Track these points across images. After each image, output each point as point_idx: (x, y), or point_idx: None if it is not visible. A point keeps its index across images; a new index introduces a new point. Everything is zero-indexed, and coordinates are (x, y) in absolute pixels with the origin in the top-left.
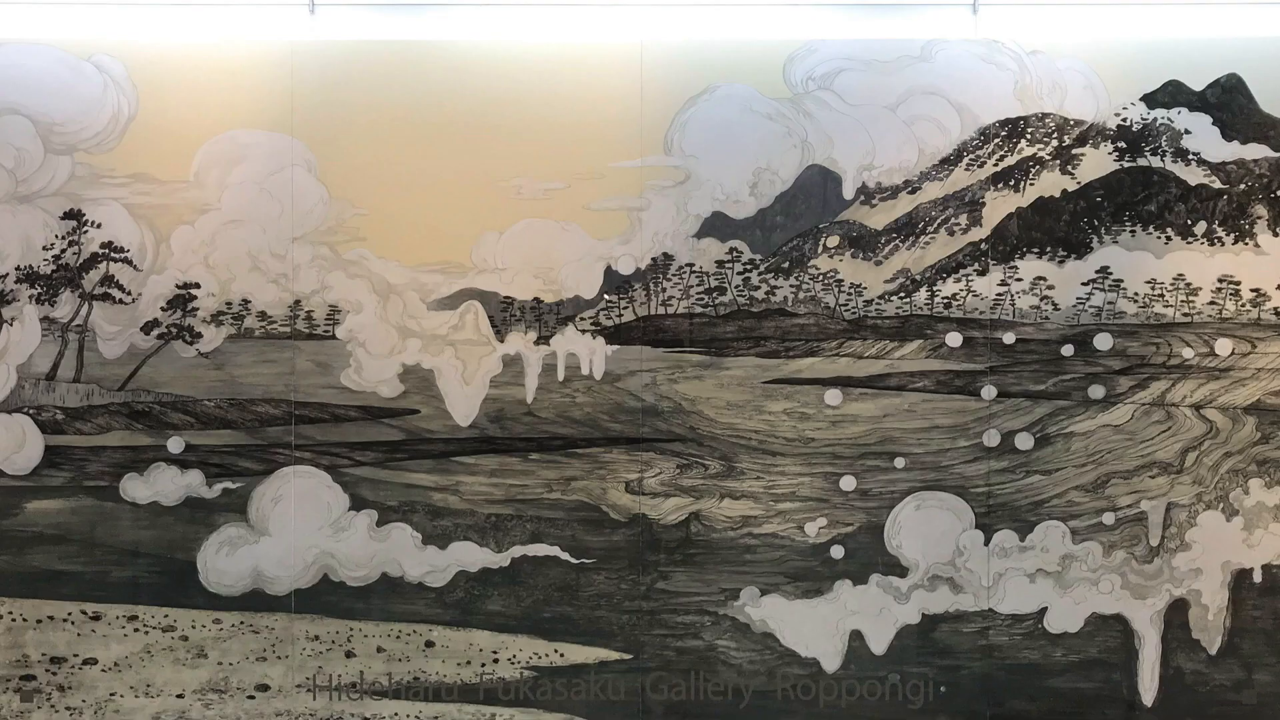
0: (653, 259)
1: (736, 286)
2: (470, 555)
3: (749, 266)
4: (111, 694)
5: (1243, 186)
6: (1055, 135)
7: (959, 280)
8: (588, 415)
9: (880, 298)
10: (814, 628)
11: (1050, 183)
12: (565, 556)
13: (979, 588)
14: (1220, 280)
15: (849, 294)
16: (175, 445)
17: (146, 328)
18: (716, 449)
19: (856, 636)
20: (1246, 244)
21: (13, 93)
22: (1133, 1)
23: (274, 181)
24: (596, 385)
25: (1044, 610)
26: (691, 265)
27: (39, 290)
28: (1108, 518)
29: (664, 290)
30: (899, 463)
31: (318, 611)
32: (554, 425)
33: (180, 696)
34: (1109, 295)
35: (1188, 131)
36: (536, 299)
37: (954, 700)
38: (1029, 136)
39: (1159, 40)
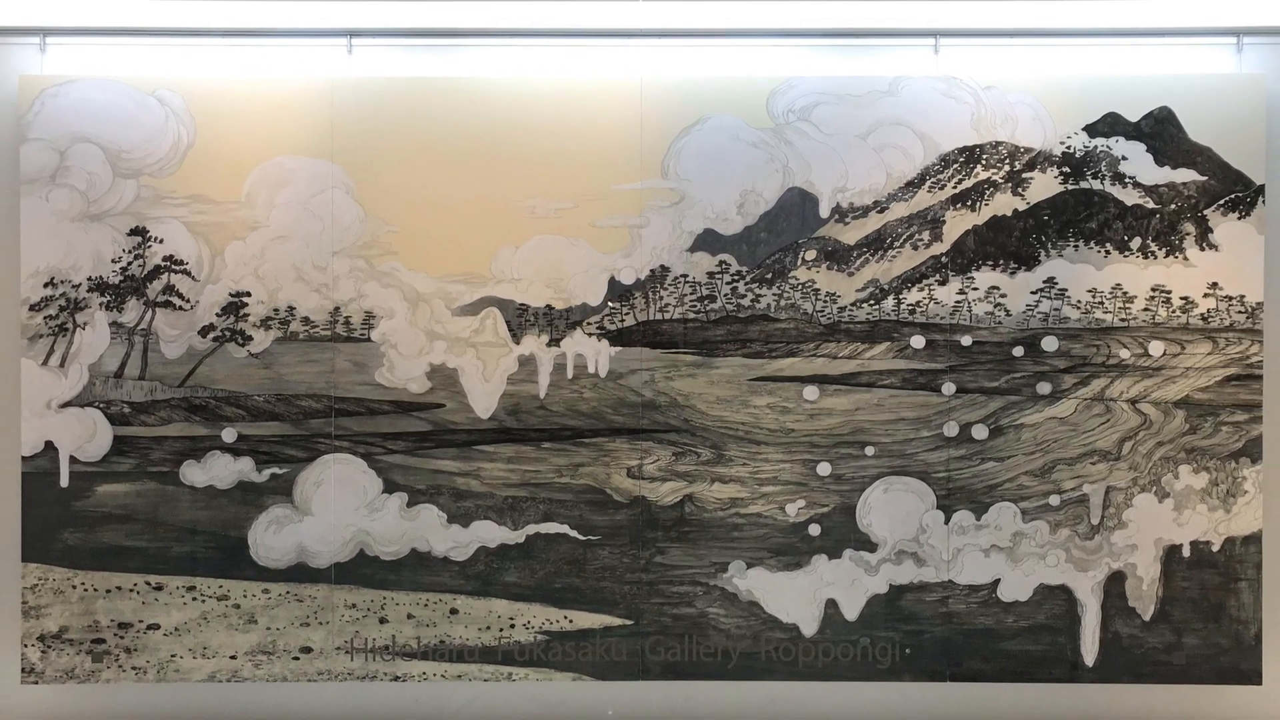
0: (651, 270)
1: (725, 295)
2: (490, 533)
3: (736, 277)
4: (172, 655)
5: (1173, 207)
6: (1007, 161)
7: (922, 289)
8: (594, 409)
9: (852, 305)
10: (794, 597)
11: (1003, 203)
12: (574, 534)
13: (940, 561)
14: (1153, 290)
15: (825, 301)
16: (229, 435)
17: (203, 331)
18: (708, 439)
19: (831, 605)
20: (1176, 257)
21: (85, 124)
22: (1076, 42)
23: (316, 202)
24: (601, 382)
25: (997, 581)
26: (685, 276)
27: (108, 298)
28: (1054, 499)
29: (661, 298)
30: (869, 451)
31: (355, 582)
32: (564, 417)
33: (233, 658)
34: (1055, 303)
35: (1124, 158)
36: (548, 306)
37: (917, 661)
38: (984, 162)
39: (1099, 77)
